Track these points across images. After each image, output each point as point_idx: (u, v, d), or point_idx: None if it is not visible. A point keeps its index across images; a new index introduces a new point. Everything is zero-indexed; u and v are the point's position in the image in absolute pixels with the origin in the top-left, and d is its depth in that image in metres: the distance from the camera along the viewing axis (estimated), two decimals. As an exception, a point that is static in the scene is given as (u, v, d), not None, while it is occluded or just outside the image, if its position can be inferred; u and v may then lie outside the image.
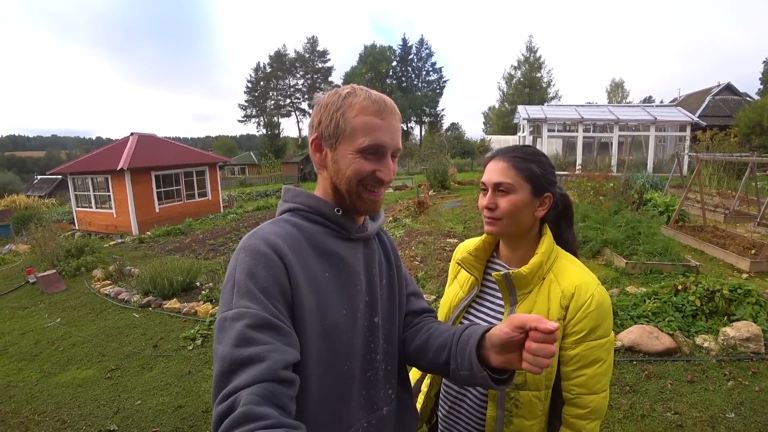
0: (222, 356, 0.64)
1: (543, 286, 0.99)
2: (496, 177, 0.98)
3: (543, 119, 16.38)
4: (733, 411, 2.63)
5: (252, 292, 0.69)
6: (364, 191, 0.82)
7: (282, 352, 0.65)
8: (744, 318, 3.49)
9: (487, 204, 0.99)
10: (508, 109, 40.30)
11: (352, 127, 0.79)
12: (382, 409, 0.89)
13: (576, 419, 0.97)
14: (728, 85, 21.59)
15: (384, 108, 0.80)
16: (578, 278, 0.98)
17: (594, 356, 0.95)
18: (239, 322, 0.66)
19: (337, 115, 0.80)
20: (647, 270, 5.06)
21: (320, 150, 0.84)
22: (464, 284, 1.12)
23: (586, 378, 0.95)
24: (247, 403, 0.57)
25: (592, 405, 0.96)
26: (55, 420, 3.15)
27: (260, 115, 52.72)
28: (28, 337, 4.97)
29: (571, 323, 0.95)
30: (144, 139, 14.05)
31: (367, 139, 0.79)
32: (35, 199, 21.99)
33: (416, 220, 9.67)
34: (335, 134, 0.81)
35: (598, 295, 0.95)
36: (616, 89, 46.49)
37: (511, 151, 1.00)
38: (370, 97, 0.80)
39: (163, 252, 9.02)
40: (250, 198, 20.14)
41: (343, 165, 0.81)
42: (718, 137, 12.21)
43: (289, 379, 0.64)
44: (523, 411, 0.98)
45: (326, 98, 0.82)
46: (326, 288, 0.79)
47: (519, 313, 0.73)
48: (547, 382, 0.98)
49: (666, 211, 7.52)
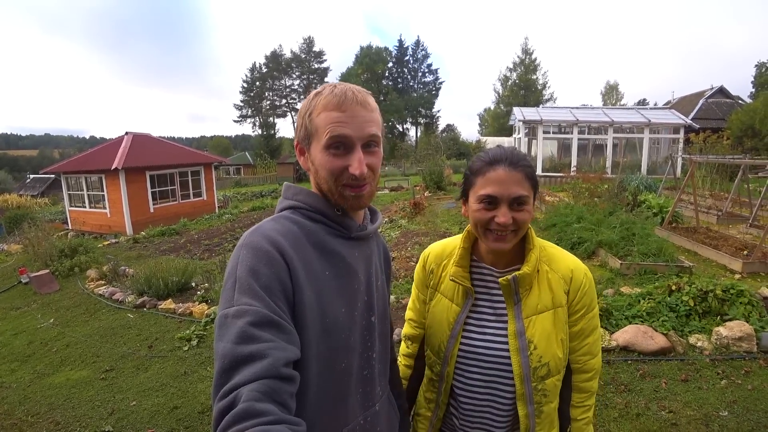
0: (223, 353, 0.64)
1: (541, 278, 1.01)
2: (516, 190, 0.92)
3: (538, 121, 16.47)
4: (727, 409, 2.66)
5: (254, 290, 0.69)
6: (344, 188, 0.81)
7: (283, 349, 0.65)
8: (737, 318, 3.53)
9: (505, 221, 0.91)
10: (503, 110, 40.47)
11: (316, 125, 0.80)
12: (375, 405, 0.91)
13: (585, 383, 1.07)
14: (721, 89, 21.84)
15: (344, 100, 0.78)
16: (570, 262, 1.04)
17: (593, 325, 1.04)
18: (241, 320, 0.66)
19: (306, 118, 0.82)
20: (641, 270, 5.10)
21: (303, 154, 0.87)
22: (454, 296, 1.06)
23: (590, 345, 1.05)
24: (247, 400, 0.57)
25: (596, 366, 1.07)
26: (48, 421, 3.12)
27: (256, 115, 52.59)
28: (20, 338, 4.92)
29: (574, 303, 1.02)
30: (139, 139, 13.96)
31: (328, 134, 0.78)
32: (27, 199, 21.78)
33: (412, 221, 9.68)
34: (306, 136, 0.83)
35: (588, 274, 1.05)
36: (610, 91, 46.85)
37: (518, 159, 0.94)
38: (333, 92, 0.79)
39: (157, 252, 8.96)
40: (245, 198, 20.06)
41: (316, 165, 0.82)
42: (711, 140, 12.36)
43: (289, 376, 0.64)
44: (550, 397, 1.01)
45: (303, 102, 0.85)
46: (327, 286, 0.79)
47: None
48: (564, 363, 1.03)
49: (660, 213, 7.59)
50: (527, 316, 0.99)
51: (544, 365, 0.98)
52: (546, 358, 0.98)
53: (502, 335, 1.01)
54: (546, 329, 0.98)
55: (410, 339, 1.22)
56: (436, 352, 1.08)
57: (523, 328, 0.99)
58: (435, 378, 1.11)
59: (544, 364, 0.98)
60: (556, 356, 0.99)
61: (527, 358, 0.98)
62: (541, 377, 0.98)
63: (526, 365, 0.98)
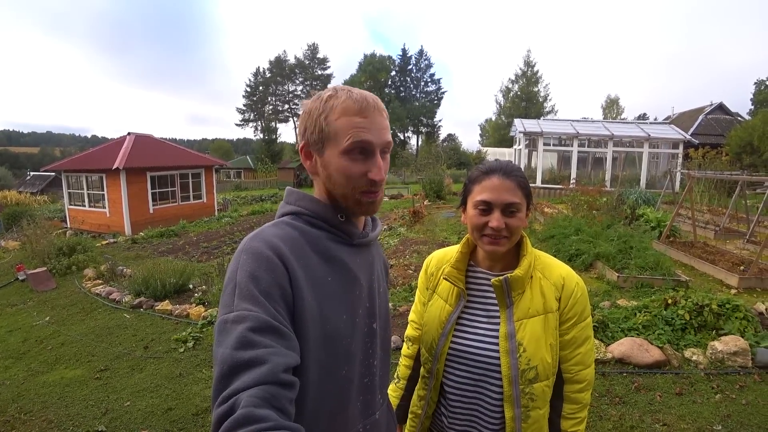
0: (222, 359, 0.63)
1: (534, 284, 1.04)
2: (508, 197, 0.99)
3: (539, 133, 16.59)
4: (720, 423, 2.67)
5: (254, 295, 0.69)
6: (361, 195, 0.82)
7: (283, 355, 0.65)
8: (732, 332, 3.54)
9: (498, 225, 0.98)
10: (504, 122, 40.78)
11: (335, 129, 0.78)
12: (375, 414, 0.90)
13: (577, 393, 1.07)
14: (720, 105, 22.03)
15: (366, 106, 0.79)
16: (562, 270, 1.07)
17: (585, 335, 1.06)
18: (240, 325, 0.65)
19: (320, 120, 0.80)
20: (638, 284, 5.12)
21: (310, 157, 0.85)
22: (448, 297, 1.11)
23: (582, 355, 1.05)
24: (247, 405, 0.57)
25: (589, 377, 1.07)
26: (41, 419, 3.10)
27: (258, 119, 52.86)
28: (15, 335, 4.90)
29: (565, 311, 1.04)
30: (140, 140, 14.02)
31: (350, 139, 0.78)
32: (27, 196, 21.78)
33: (411, 229, 9.71)
34: (320, 139, 0.81)
35: (581, 283, 1.07)
36: (611, 105, 47.29)
37: (511, 170, 1.02)
38: (351, 96, 0.79)
39: (156, 253, 8.95)
40: (245, 202, 20.09)
41: (332, 169, 0.81)
42: (709, 155, 12.44)
43: (289, 382, 0.64)
44: (538, 402, 1.03)
45: (310, 104, 0.83)
46: (328, 293, 0.79)
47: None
48: (553, 369, 1.04)
49: (658, 227, 7.62)
50: (518, 319, 1.02)
51: (532, 368, 1.00)
52: (534, 362, 1.00)
53: (493, 336, 1.04)
54: (536, 333, 1.01)
55: (411, 340, 1.27)
56: (428, 349, 1.12)
57: (514, 330, 1.01)
58: (426, 375, 1.14)
59: (533, 368, 1.00)
60: (544, 360, 1.01)
61: (516, 360, 1.00)
62: (529, 380, 1.01)
63: (515, 367, 1.00)
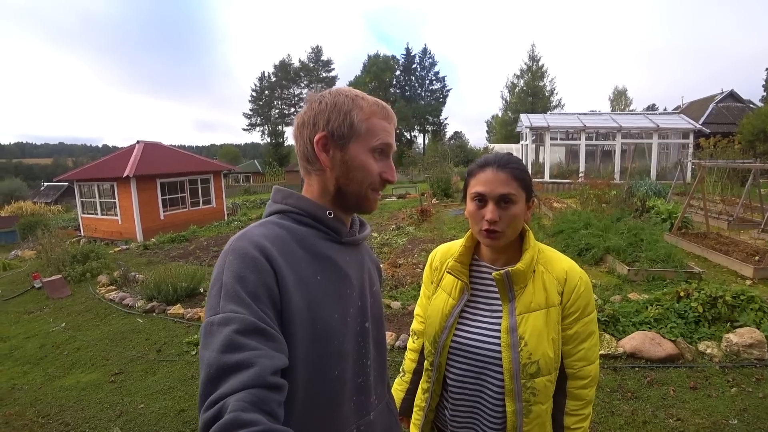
0: (209, 362, 0.62)
1: (536, 278, 1.04)
2: (501, 188, 0.98)
3: (546, 128, 16.43)
4: (737, 418, 2.62)
5: (240, 297, 0.67)
6: (372, 192, 0.85)
7: (270, 357, 0.64)
8: (747, 324, 3.48)
9: (492, 217, 0.98)
10: (510, 117, 40.38)
11: (367, 127, 0.82)
12: (369, 414, 0.89)
13: (580, 389, 1.05)
14: (731, 93, 21.54)
15: (389, 114, 0.87)
16: (565, 264, 1.06)
17: (588, 330, 1.04)
18: (227, 328, 0.64)
19: (351, 116, 0.81)
20: (650, 277, 5.05)
21: (326, 150, 0.83)
22: (452, 291, 1.12)
23: (585, 351, 1.04)
24: (234, 410, 0.56)
25: (593, 373, 1.06)
26: (58, 423, 3.17)
27: (265, 123, 53.15)
28: (33, 341, 5.01)
29: (568, 305, 1.03)
30: (150, 147, 14.23)
31: (379, 140, 0.83)
32: (41, 206, 22.24)
33: (419, 228, 9.70)
34: (349, 134, 0.82)
35: (584, 277, 1.06)
36: (618, 97, 46.58)
37: (506, 162, 1.01)
38: (377, 102, 0.86)
39: (167, 258, 9.07)
40: (254, 206, 20.23)
41: (355, 164, 0.82)
42: (721, 144, 12.19)
43: (277, 384, 0.63)
44: (540, 397, 1.02)
45: (332, 98, 0.83)
46: (318, 292, 0.78)
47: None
48: (555, 364, 1.03)
49: (669, 219, 7.50)
50: (520, 313, 1.01)
51: (533, 363, 0.99)
52: (536, 356, 0.99)
53: (495, 330, 1.04)
54: (537, 327, 1.00)
55: (416, 333, 1.28)
56: (431, 342, 1.12)
57: (516, 324, 1.01)
58: (429, 368, 1.14)
59: (534, 362, 0.99)
60: (546, 355, 1.00)
61: (518, 354, 0.99)
62: (530, 375, 1.00)
63: (516, 361, 0.99)
